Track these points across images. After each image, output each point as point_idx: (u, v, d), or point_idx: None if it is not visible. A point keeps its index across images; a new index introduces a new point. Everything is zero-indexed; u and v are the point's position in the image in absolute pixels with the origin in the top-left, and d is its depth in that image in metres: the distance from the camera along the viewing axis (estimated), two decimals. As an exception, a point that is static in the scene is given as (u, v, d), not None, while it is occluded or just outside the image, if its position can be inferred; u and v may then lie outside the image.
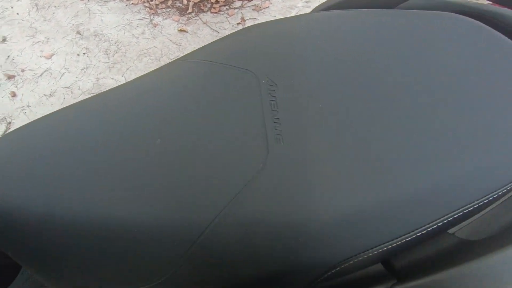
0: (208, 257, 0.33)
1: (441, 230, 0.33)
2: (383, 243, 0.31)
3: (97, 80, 1.66)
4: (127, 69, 1.68)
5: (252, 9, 1.84)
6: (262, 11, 1.84)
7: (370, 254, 0.31)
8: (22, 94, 1.62)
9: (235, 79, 0.40)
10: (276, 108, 0.37)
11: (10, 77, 1.67)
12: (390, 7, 0.50)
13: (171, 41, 1.76)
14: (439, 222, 0.31)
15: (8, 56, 1.73)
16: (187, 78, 0.43)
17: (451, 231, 0.36)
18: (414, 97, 0.36)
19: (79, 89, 1.63)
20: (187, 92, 0.41)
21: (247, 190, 0.33)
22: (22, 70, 1.69)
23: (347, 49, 0.41)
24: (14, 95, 1.62)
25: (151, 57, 1.71)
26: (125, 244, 0.35)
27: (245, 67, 0.41)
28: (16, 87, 1.64)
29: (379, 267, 0.36)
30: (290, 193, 0.32)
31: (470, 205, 0.32)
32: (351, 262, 0.31)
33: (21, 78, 1.67)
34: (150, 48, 1.75)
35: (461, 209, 0.31)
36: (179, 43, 1.74)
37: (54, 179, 0.37)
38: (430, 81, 0.38)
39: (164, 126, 0.39)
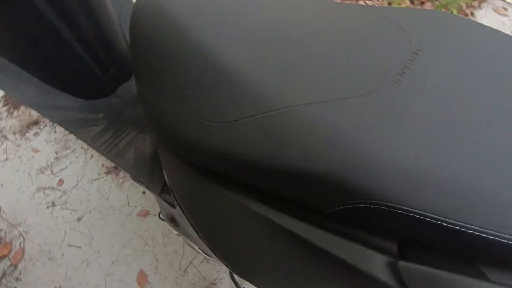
0: (270, 129, 0.37)
1: (468, 242, 0.30)
2: (419, 210, 0.30)
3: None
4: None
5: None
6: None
7: (401, 212, 0.30)
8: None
9: (390, 31, 0.43)
10: (409, 66, 0.38)
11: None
12: None
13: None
14: (467, 229, 0.29)
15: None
16: (353, 14, 0.47)
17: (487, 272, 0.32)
18: None
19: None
20: (343, 20, 0.46)
21: (340, 102, 0.35)
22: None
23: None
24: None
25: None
26: (222, 79, 0.40)
27: (406, 29, 0.43)
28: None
29: (392, 245, 0.35)
30: (373, 126, 0.33)
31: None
32: (379, 208, 0.31)
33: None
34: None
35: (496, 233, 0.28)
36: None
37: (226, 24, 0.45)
38: None
39: (314, 32, 0.44)
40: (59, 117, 1.06)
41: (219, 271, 1.15)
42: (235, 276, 1.14)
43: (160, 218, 0.96)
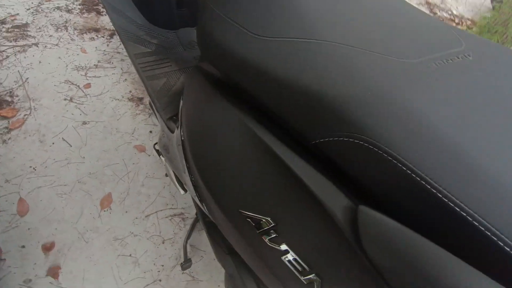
0: (303, 53, 0.40)
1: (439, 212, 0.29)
2: (408, 162, 0.29)
3: None
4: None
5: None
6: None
7: (389, 157, 0.30)
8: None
9: (448, 34, 0.46)
10: (453, 60, 0.40)
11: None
12: None
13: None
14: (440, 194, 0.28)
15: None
16: (424, 15, 0.49)
17: None
18: None
19: None
20: (414, 14, 0.48)
21: (373, 54, 0.39)
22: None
23: None
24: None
25: None
26: (285, 4, 0.44)
27: (463, 40, 0.44)
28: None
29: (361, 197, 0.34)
30: (394, 78, 0.36)
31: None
32: (367, 146, 0.31)
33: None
34: None
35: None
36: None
37: None
38: None
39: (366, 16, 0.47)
40: (120, 23, 1.12)
41: (176, 234, 1.12)
42: (188, 247, 1.11)
43: (154, 148, 0.96)
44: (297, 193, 0.34)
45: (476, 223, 0.26)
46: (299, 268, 0.34)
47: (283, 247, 0.35)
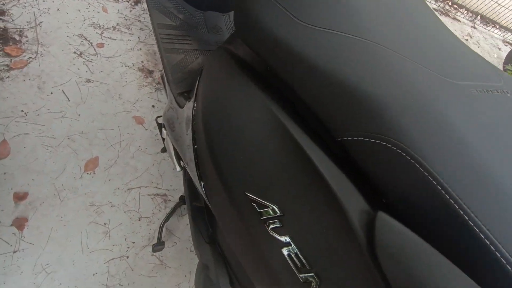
0: (348, 47, 0.39)
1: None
2: (436, 173, 0.28)
3: None
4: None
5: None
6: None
7: (417, 165, 0.29)
8: None
9: (492, 71, 0.47)
10: (492, 92, 0.40)
11: None
12: None
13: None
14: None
15: None
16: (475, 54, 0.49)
17: None
18: None
19: None
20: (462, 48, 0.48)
21: (415, 64, 0.39)
22: None
23: None
24: None
25: None
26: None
27: (503, 79, 0.45)
28: None
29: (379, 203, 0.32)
30: (434, 90, 0.35)
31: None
32: (395, 150, 0.30)
33: None
34: None
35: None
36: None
37: None
38: None
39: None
40: None
41: (155, 215, 1.08)
42: (164, 229, 1.07)
43: (156, 121, 0.93)
44: (313, 186, 0.32)
45: (498, 254, 0.25)
46: (298, 264, 0.32)
47: (285, 239, 0.33)
